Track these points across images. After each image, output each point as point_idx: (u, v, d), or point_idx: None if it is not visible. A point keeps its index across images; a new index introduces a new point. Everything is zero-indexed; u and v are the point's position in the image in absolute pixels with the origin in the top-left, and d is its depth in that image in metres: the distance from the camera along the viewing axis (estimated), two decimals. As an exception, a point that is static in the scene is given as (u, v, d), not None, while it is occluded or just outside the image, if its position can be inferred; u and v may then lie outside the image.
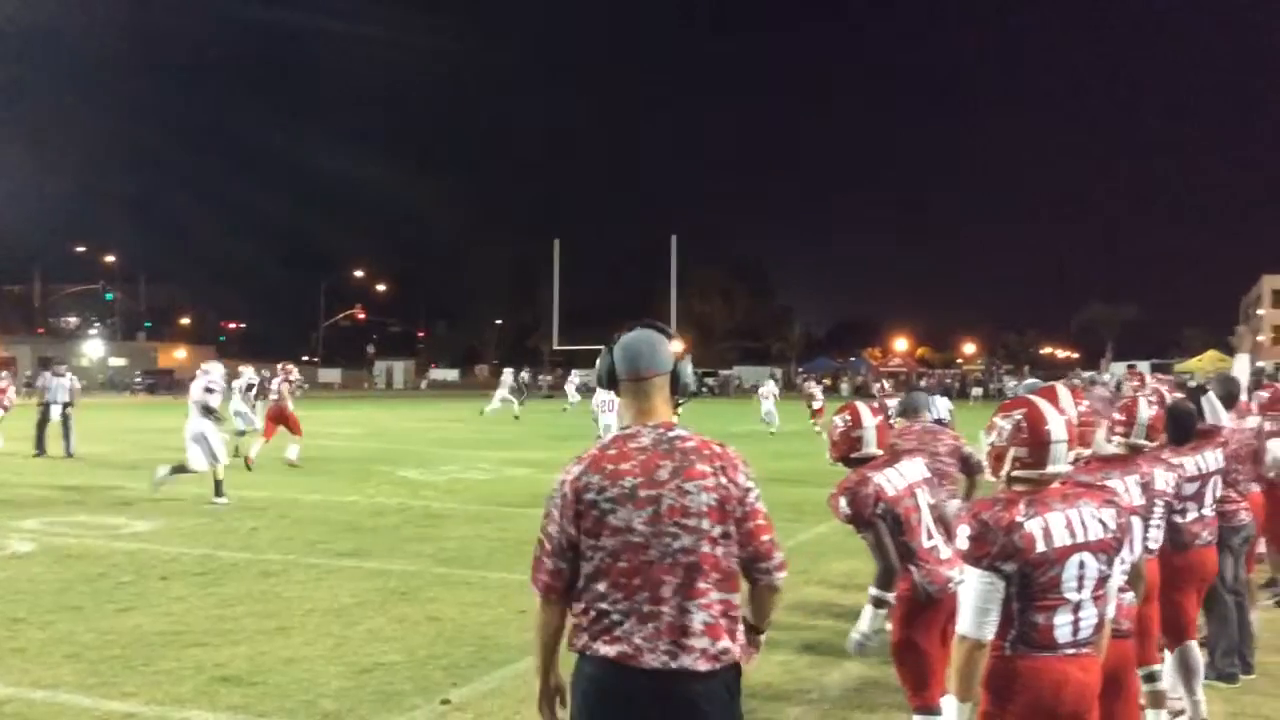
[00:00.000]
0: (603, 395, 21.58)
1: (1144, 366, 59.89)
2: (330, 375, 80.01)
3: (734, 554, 2.72)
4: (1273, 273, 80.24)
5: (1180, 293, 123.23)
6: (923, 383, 50.81)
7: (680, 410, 3.01)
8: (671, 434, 2.78)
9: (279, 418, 17.28)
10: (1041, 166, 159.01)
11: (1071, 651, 2.92)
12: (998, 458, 3.07)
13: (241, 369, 19.85)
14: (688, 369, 2.92)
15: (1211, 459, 5.30)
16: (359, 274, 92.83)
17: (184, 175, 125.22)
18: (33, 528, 10.57)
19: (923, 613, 4.13)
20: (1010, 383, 49.54)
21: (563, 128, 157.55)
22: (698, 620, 2.64)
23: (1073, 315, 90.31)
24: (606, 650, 2.66)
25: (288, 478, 15.62)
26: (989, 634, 2.87)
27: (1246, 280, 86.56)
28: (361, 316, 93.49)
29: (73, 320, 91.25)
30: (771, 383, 32.71)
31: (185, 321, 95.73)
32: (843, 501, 4.22)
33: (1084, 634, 2.95)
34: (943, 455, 6.54)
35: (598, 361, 2.93)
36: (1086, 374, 40.51)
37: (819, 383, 32.76)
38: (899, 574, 4.13)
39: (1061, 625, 2.91)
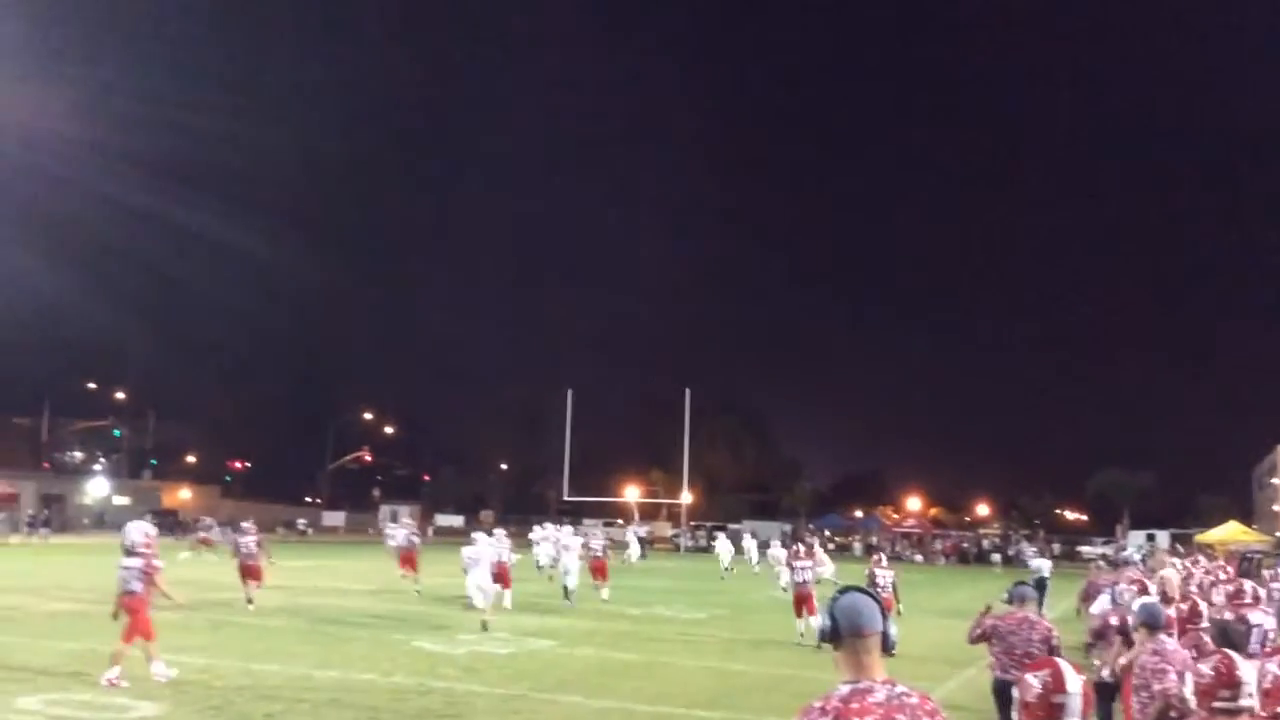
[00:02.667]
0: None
1: (1162, 537, 58.75)
2: (334, 519, 78.95)
3: None
4: (1288, 441, 79.47)
5: (1194, 460, 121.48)
6: (1032, 548, 49.93)
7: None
8: (899, 690, 3.29)
9: (601, 569, 24.32)
10: (1054, 324, 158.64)
11: None
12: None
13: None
14: (893, 628, 3.40)
15: None
16: (366, 416, 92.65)
17: (195, 314, 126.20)
18: (33, 709, 9.89)
19: None
20: (1029, 549, 48.41)
21: (567, 277, 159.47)
22: None
23: (1087, 479, 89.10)
24: None
25: (302, 647, 14.89)
26: None
27: (1261, 449, 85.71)
28: (368, 459, 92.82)
29: (78, 456, 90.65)
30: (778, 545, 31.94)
31: (191, 460, 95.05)
32: None
33: None
34: (1036, 642, 8.30)
35: (823, 617, 3.43)
36: (1122, 552, 39.44)
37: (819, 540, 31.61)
38: None
39: None
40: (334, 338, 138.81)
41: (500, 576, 20.28)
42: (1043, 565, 27.24)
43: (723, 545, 40.31)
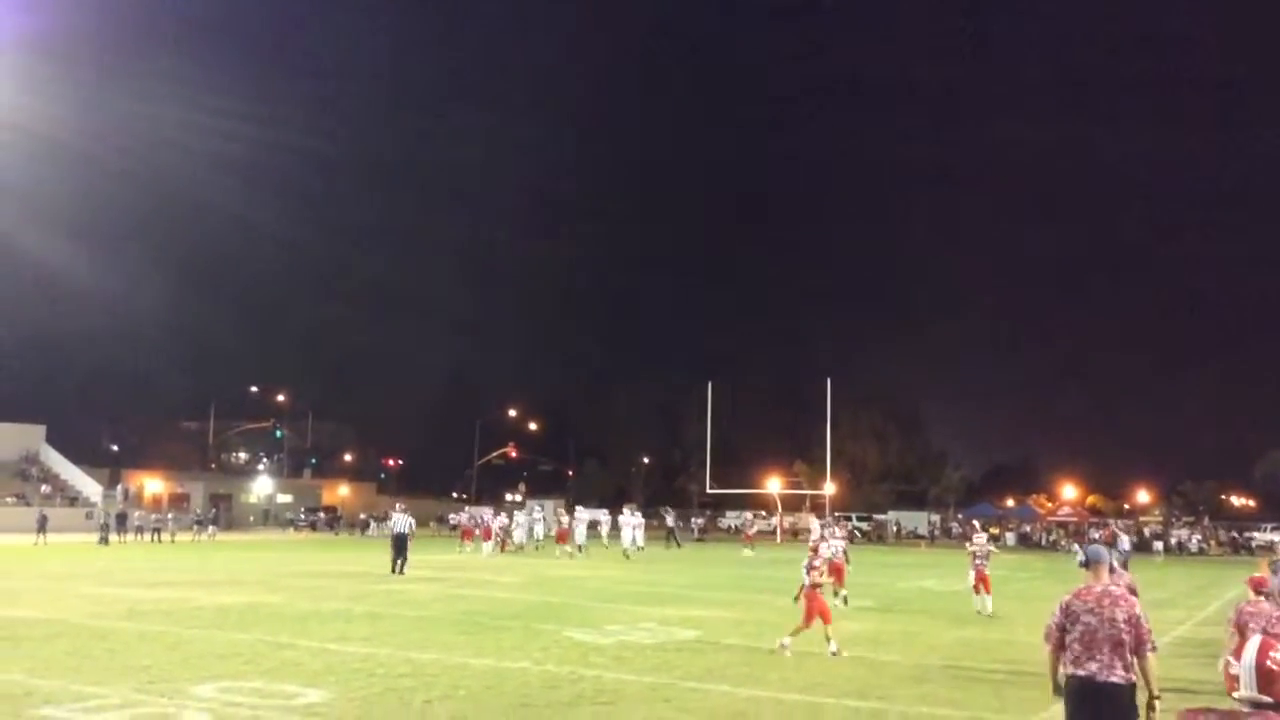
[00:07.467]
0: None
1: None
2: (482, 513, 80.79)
3: (1132, 640, 6.08)
4: None
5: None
6: (1196, 535, 48.93)
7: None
8: (1109, 587, 6.28)
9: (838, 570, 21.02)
10: (1212, 302, 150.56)
11: None
12: None
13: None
14: (1116, 560, 5.85)
15: None
16: (512, 413, 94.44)
17: (349, 318, 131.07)
18: (208, 695, 10.42)
19: None
20: (1195, 538, 46.25)
21: (709, 267, 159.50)
22: (1119, 664, 6.09)
23: (1254, 462, 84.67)
24: (1080, 672, 6.14)
25: (457, 636, 15.31)
26: None
27: None
28: (513, 455, 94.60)
29: (243, 456, 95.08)
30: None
31: (348, 458, 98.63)
32: None
33: None
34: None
35: (1080, 553, 6.65)
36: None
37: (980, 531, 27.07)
38: None
39: None
40: (480, 339, 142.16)
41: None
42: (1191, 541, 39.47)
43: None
